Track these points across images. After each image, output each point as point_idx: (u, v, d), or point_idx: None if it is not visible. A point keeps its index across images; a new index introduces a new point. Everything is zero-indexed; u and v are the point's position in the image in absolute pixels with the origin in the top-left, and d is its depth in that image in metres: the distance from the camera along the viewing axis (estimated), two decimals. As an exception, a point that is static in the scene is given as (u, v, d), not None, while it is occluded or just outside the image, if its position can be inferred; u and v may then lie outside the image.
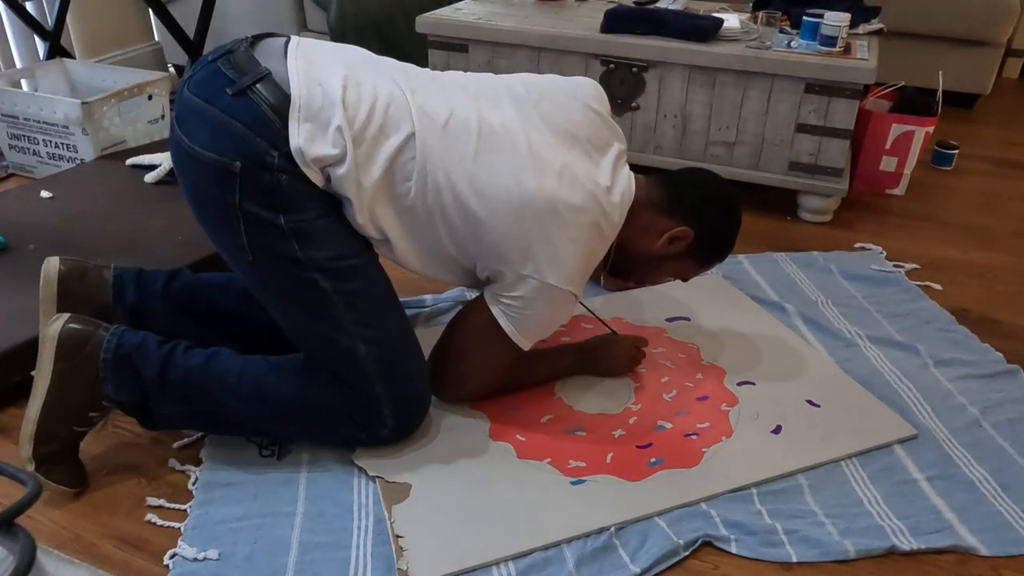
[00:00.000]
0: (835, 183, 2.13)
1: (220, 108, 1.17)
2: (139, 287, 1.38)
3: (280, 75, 1.20)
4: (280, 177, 1.17)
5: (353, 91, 1.20)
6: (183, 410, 1.28)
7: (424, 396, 1.34)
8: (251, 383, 1.27)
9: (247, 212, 1.18)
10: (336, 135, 1.18)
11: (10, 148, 2.39)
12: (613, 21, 2.19)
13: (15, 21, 2.77)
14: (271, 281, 1.25)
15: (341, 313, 1.24)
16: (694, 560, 1.18)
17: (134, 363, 1.25)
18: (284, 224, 1.18)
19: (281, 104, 1.17)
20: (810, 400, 1.48)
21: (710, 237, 1.39)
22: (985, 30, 2.92)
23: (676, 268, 1.44)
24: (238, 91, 1.17)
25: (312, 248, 1.20)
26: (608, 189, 1.29)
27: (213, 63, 1.22)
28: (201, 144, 1.18)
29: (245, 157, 1.16)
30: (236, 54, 1.22)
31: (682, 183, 1.41)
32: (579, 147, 1.29)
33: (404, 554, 1.16)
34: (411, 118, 1.21)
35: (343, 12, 2.81)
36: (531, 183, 1.22)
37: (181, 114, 1.22)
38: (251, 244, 1.21)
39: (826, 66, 2.00)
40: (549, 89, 1.34)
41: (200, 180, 1.21)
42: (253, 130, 1.16)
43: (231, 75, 1.19)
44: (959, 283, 1.92)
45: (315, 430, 1.34)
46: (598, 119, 1.34)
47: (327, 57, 1.25)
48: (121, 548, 1.19)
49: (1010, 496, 1.29)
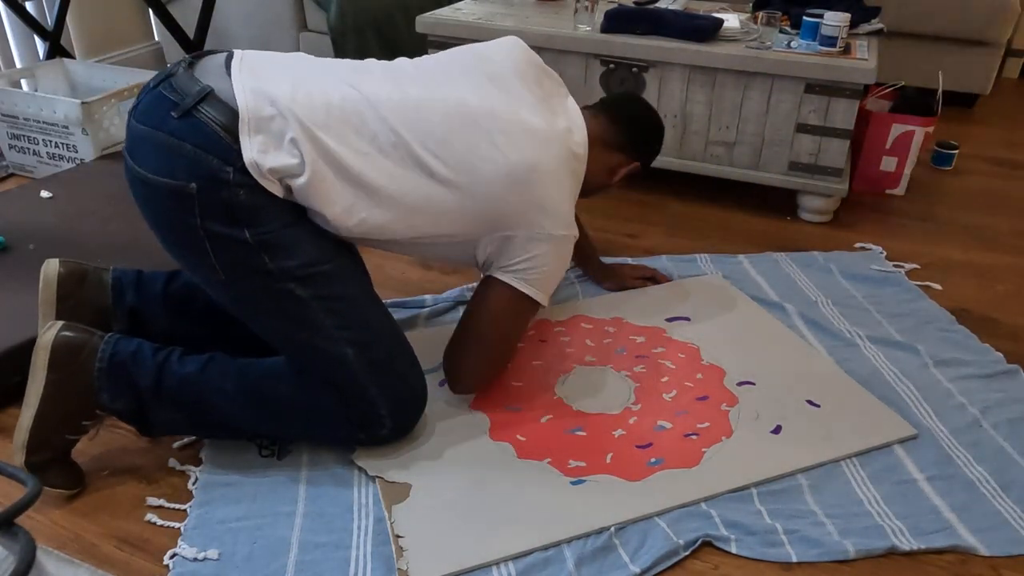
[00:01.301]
0: (835, 183, 2.13)
1: (168, 132, 1.16)
2: (138, 289, 1.38)
3: (224, 91, 1.18)
4: (238, 192, 1.15)
5: (303, 100, 1.19)
6: (180, 417, 1.28)
7: (419, 393, 1.33)
8: (248, 388, 1.27)
9: (211, 232, 1.17)
10: (291, 146, 1.17)
11: (10, 148, 2.39)
12: (613, 21, 2.20)
13: (15, 21, 2.77)
14: (248, 297, 1.24)
15: (322, 319, 1.23)
16: (694, 560, 1.18)
17: (129, 372, 1.24)
18: (250, 238, 1.17)
19: (229, 120, 1.16)
20: (810, 400, 1.48)
21: (648, 162, 1.60)
22: (985, 30, 2.92)
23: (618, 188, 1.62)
24: (183, 112, 1.16)
25: (283, 258, 1.19)
26: (568, 130, 1.36)
27: (155, 89, 1.21)
28: (155, 171, 1.17)
29: (200, 177, 1.15)
30: (176, 77, 1.21)
31: (623, 118, 1.53)
32: (533, 97, 1.34)
33: (404, 554, 1.16)
34: (376, 116, 1.22)
35: (343, 12, 2.81)
36: (512, 153, 1.26)
37: (131, 144, 1.21)
38: (221, 263, 1.20)
39: (826, 66, 2.00)
40: (484, 52, 1.39)
41: (159, 207, 1.20)
42: (204, 149, 1.15)
43: (174, 98, 1.18)
44: (959, 283, 1.92)
45: (314, 432, 1.34)
46: (536, 67, 1.41)
47: (273, 68, 1.24)
48: (121, 548, 1.19)
49: (1010, 496, 1.29)
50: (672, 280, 1.88)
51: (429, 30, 2.35)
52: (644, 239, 2.10)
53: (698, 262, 1.97)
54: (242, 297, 1.24)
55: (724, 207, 2.28)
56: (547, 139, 1.30)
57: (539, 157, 1.28)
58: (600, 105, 1.55)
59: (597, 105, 1.55)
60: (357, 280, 1.29)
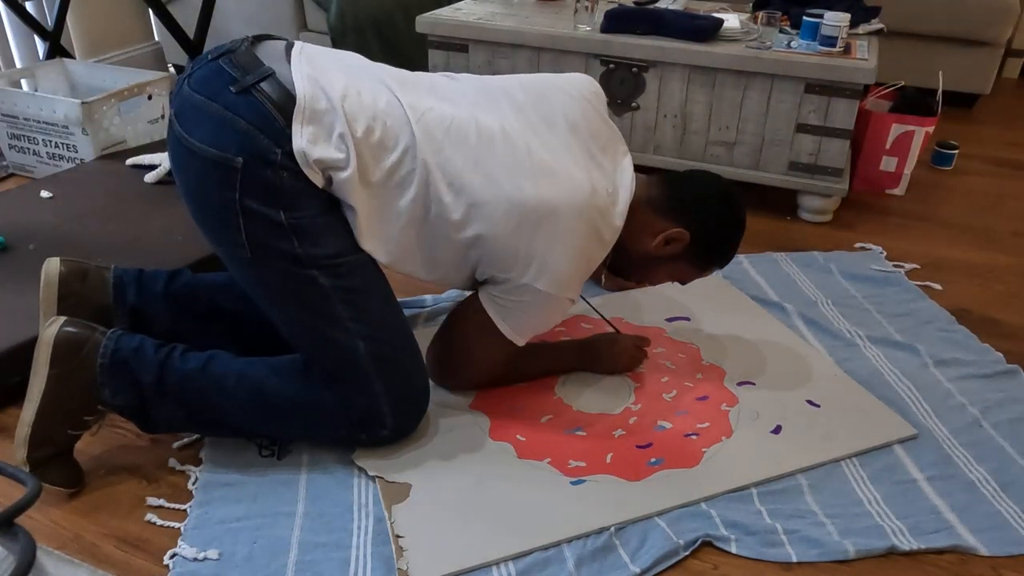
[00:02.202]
0: (835, 183, 2.13)
1: (223, 104, 1.17)
2: (139, 288, 1.38)
3: (284, 76, 1.20)
4: (282, 174, 1.17)
5: (353, 100, 1.20)
6: (182, 414, 1.28)
7: (423, 395, 1.34)
8: (249, 386, 1.27)
9: (247, 208, 1.18)
10: (339, 140, 1.18)
11: (10, 148, 2.39)
12: (613, 21, 2.20)
13: (15, 21, 2.77)
14: (270, 279, 1.25)
15: (340, 310, 1.23)
16: (694, 560, 1.18)
17: (131, 368, 1.24)
18: (285, 220, 1.18)
19: (285, 104, 1.17)
20: (810, 400, 1.48)
21: (707, 240, 1.38)
22: (985, 30, 2.92)
23: (673, 270, 1.44)
24: (242, 88, 1.17)
25: (311, 245, 1.20)
26: (609, 192, 1.29)
27: (214, 61, 1.22)
28: (202, 140, 1.18)
29: (248, 153, 1.16)
30: (238, 53, 1.22)
31: (682, 183, 1.41)
32: (580, 148, 1.30)
33: (404, 554, 1.16)
34: (410, 129, 1.21)
35: (343, 12, 2.81)
36: (530, 190, 1.22)
37: (181, 110, 1.22)
38: (250, 241, 1.20)
39: (826, 66, 2.00)
40: (547, 89, 1.34)
41: (200, 176, 1.21)
42: (257, 127, 1.16)
43: (234, 73, 1.19)
44: (959, 283, 1.92)
45: (314, 431, 1.34)
46: (598, 118, 1.35)
47: (329, 63, 1.25)
48: (121, 548, 1.19)
49: (1010, 496, 1.29)
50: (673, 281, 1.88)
51: (429, 30, 2.34)
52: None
53: (698, 262, 1.97)
54: (264, 278, 1.25)
55: (724, 207, 2.27)
56: (574, 188, 1.24)
57: (557, 203, 1.23)
58: (667, 175, 1.43)
59: (663, 175, 1.43)
60: (376, 277, 1.30)
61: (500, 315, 1.31)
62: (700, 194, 1.39)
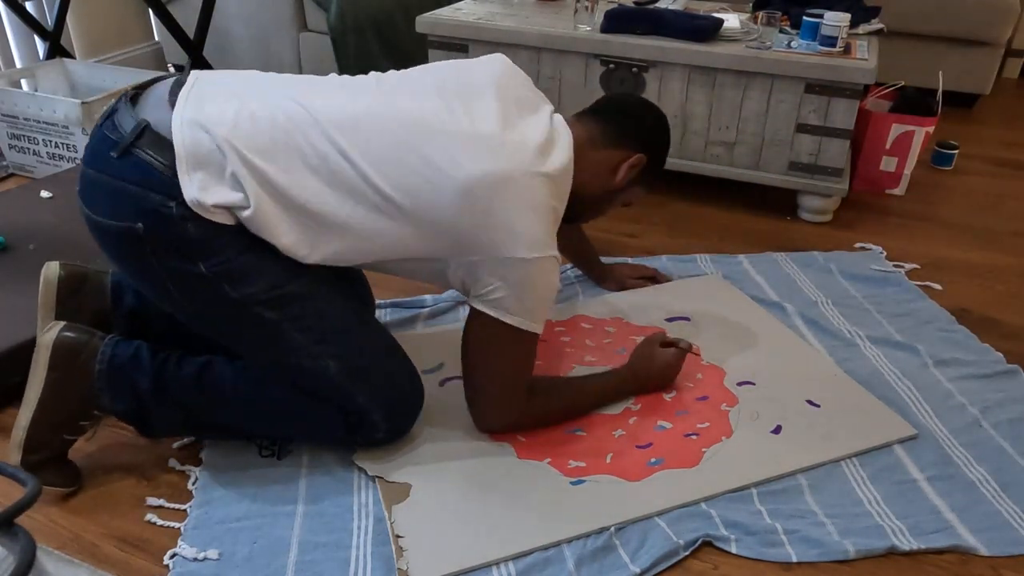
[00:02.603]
0: (835, 183, 2.13)
1: (110, 174, 1.15)
2: (137, 292, 1.38)
3: (163, 123, 1.14)
4: (185, 226, 1.13)
5: (245, 126, 1.14)
6: (179, 418, 1.28)
7: (409, 394, 1.32)
8: (246, 393, 1.27)
9: (169, 268, 1.16)
10: (232, 180, 1.13)
11: (10, 148, 2.39)
12: (613, 21, 2.19)
13: (15, 21, 2.77)
14: (220, 325, 1.23)
15: (297, 339, 1.21)
16: (694, 560, 1.18)
17: (129, 374, 1.24)
18: (205, 271, 1.15)
19: (167, 154, 1.13)
20: (810, 400, 1.48)
21: (655, 156, 1.42)
22: (985, 30, 2.92)
23: (626, 195, 1.45)
24: (121, 151, 1.13)
25: (244, 286, 1.17)
26: (546, 143, 1.24)
27: (100, 128, 1.18)
28: (103, 215, 1.16)
29: (145, 216, 1.13)
30: (118, 114, 1.18)
31: (615, 113, 1.41)
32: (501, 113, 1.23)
33: (404, 554, 1.16)
34: (321, 134, 1.16)
35: (343, 12, 2.81)
36: (470, 165, 1.16)
37: (82, 190, 1.20)
38: (185, 297, 1.19)
39: (826, 66, 2.00)
40: (463, 69, 1.31)
41: (116, 249, 1.19)
42: (145, 187, 1.12)
43: (114, 137, 1.15)
44: (959, 283, 1.92)
45: (311, 434, 1.34)
46: (520, 85, 1.32)
47: (222, 90, 1.19)
48: (121, 548, 1.19)
49: (1010, 496, 1.29)
50: (672, 280, 1.88)
51: (429, 30, 2.34)
52: (644, 239, 2.10)
53: (698, 262, 1.97)
54: (216, 325, 1.24)
55: (724, 207, 2.27)
56: (500, 149, 1.18)
57: (490, 169, 1.16)
58: (587, 110, 1.42)
59: (584, 111, 1.42)
60: (325, 294, 1.24)
61: (500, 308, 1.22)
62: (637, 116, 1.42)
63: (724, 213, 2.24)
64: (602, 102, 1.46)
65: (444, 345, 1.61)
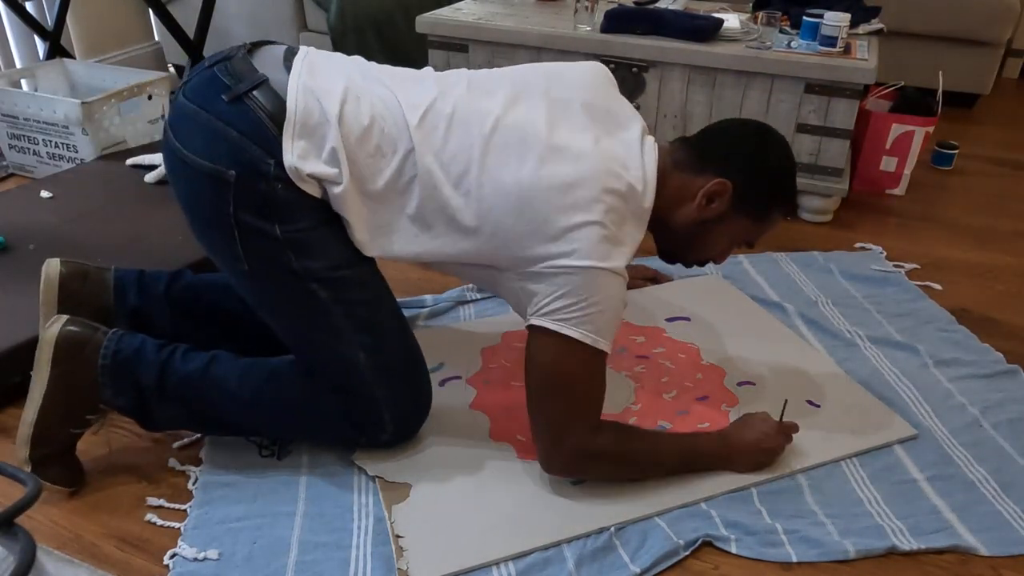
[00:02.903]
0: (835, 183, 2.13)
1: (215, 114, 1.15)
2: (140, 289, 1.38)
3: (279, 83, 1.16)
4: (276, 186, 1.14)
5: (351, 107, 1.16)
6: (183, 413, 1.28)
7: (423, 401, 1.33)
8: (250, 388, 1.27)
9: (242, 222, 1.16)
10: (331, 155, 1.14)
11: (10, 148, 2.39)
12: (613, 21, 2.19)
13: (15, 21, 2.77)
14: (268, 292, 1.23)
15: (340, 322, 1.22)
16: (694, 560, 1.18)
17: (133, 368, 1.24)
18: (280, 234, 1.16)
19: (278, 113, 1.14)
20: (810, 400, 1.48)
21: (754, 183, 1.24)
22: (985, 30, 2.92)
23: (730, 231, 1.29)
24: (234, 97, 1.14)
25: (308, 259, 1.18)
26: (624, 157, 1.19)
27: (210, 69, 1.19)
28: (195, 151, 1.16)
29: (240, 165, 1.13)
30: (234, 60, 1.19)
31: (709, 135, 1.29)
32: (596, 126, 1.20)
33: (404, 554, 1.16)
34: (408, 134, 1.16)
35: (343, 12, 2.81)
36: (540, 170, 1.14)
37: (175, 120, 1.20)
38: (247, 254, 1.18)
39: (826, 66, 2.00)
40: (556, 72, 1.29)
41: (194, 188, 1.19)
42: (249, 138, 1.13)
43: (227, 81, 1.16)
44: (959, 283, 1.92)
45: (315, 433, 1.34)
46: (612, 97, 1.29)
47: (331, 69, 1.21)
48: (121, 548, 1.19)
49: (1010, 496, 1.29)
50: (672, 280, 1.88)
51: (429, 30, 2.34)
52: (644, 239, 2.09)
53: (698, 262, 1.97)
54: (263, 290, 1.24)
55: (724, 207, 2.27)
56: (590, 161, 1.14)
57: (572, 175, 1.13)
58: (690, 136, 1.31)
59: (686, 136, 1.32)
60: (377, 286, 1.28)
61: (563, 323, 1.14)
62: (731, 138, 1.28)
63: (724, 213, 2.24)
64: (707, 127, 1.33)
65: (444, 345, 1.61)
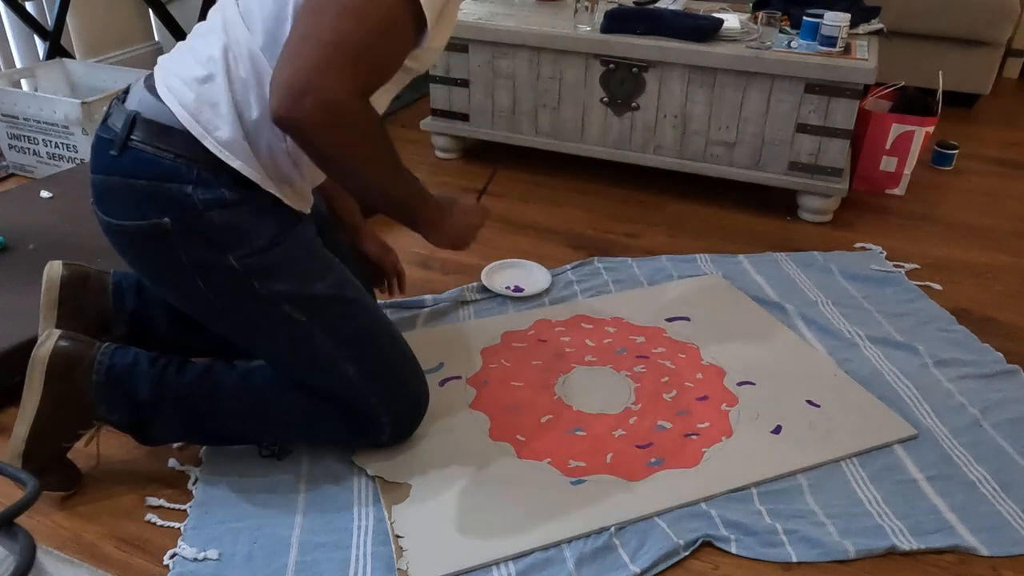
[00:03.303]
0: (835, 183, 2.13)
1: (118, 174, 1.13)
2: (139, 293, 1.37)
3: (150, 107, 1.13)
4: (211, 215, 1.11)
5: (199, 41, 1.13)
6: (180, 426, 1.27)
7: (419, 400, 1.33)
8: (247, 397, 1.27)
9: (197, 262, 1.14)
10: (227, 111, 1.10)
11: (10, 148, 2.39)
12: (613, 21, 2.20)
13: (15, 21, 2.77)
14: (245, 324, 1.22)
15: (321, 339, 1.21)
16: (694, 560, 1.18)
17: (127, 384, 1.23)
18: (235, 263, 1.13)
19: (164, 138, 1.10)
20: (810, 400, 1.48)
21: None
22: (985, 30, 2.92)
23: None
24: (120, 148, 1.12)
25: (272, 282, 1.16)
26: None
27: (97, 133, 1.18)
28: (124, 217, 1.14)
29: (169, 209, 1.11)
30: (111, 115, 1.17)
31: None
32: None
33: (404, 554, 1.16)
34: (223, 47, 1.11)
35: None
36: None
37: (96, 199, 1.18)
38: (213, 292, 1.17)
39: (826, 66, 2.00)
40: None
41: (142, 251, 1.17)
42: (156, 179, 1.11)
43: (109, 136, 1.14)
44: (959, 283, 1.92)
45: (313, 439, 1.34)
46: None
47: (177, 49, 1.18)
48: (121, 548, 1.19)
49: (1010, 496, 1.29)
50: (673, 281, 1.88)
51: (429, 30, 2.34)
52: (644, 239, 2.10)
53: (698, 262, 1.97)
54: (240, 323, 1.22)
55: (724, 207, 2.27)
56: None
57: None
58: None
59: None
60: (352, 294, 1.25)
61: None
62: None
63: (724, 213, 2.24)
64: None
65: (444, 345, 1.61)
